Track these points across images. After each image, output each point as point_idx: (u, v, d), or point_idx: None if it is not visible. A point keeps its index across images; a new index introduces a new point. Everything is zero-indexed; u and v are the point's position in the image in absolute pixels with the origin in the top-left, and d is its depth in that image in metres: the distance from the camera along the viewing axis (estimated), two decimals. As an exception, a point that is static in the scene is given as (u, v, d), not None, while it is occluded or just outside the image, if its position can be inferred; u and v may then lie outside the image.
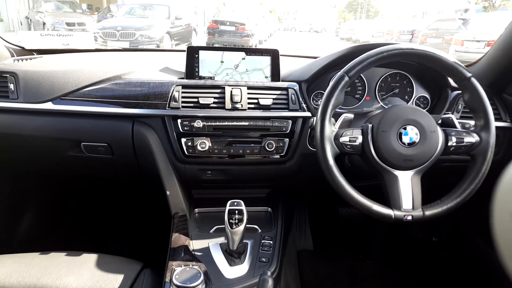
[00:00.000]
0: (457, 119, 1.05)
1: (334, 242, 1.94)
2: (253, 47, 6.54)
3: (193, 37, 11.63)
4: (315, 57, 1.37)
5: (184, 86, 1.19)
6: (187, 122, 1.16)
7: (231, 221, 0.99)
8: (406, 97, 1.32)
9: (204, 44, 10.70)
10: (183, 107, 1.17)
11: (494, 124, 0.96)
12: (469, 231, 1.65)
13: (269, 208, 1.35)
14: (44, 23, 12.04)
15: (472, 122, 1.06)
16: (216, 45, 4.46)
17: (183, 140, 1.17)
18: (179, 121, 1.16)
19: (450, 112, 1.22)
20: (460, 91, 1.21)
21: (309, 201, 1.95)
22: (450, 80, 1.22)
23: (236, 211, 1.00)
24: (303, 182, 1.47)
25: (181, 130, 1.16)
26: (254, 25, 12.35)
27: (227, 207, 1.01)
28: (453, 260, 1.74)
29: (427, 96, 1.31)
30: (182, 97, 1.18)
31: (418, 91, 1.31)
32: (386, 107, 1.32)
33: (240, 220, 1.00)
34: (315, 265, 1.79)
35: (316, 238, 1.87)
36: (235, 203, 1.02)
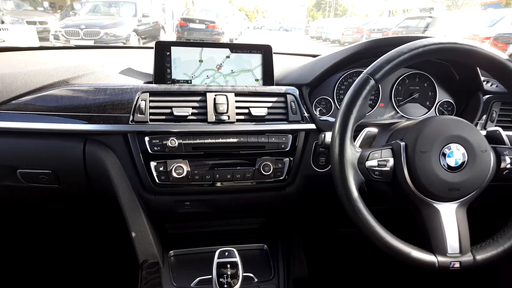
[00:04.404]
0: None
1: (332, 268, 1.71)
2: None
3: (161, 35, 11.46)
4: (314, 55, 1.13)
5: (152, 93, 0.93)
6: (157, 141, 0.91)
7: (221, 280, 0.72)
8: (427, 103, 1.11)
9: (173, 43, 10.46)
10: (151, 120, 0.91)
11: None
12: None
13: (265, 245, 1.10)
14: (2, 22, 11.32)
15: None
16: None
17: (152, 164, 0.93)
18: (146, 139, 0.92)
19: (482, 122, 1.02)
20: (493, 95, 1.01)
21: (303, 222, 1.71)
22: (483, 80, 1.02)
23: (228, 265, 0.73)
24: (305, 208, 1.22)
25: (149, 151, 0.92)
26: (224, 23, 12.38)
27: (215, 259, 0.74)
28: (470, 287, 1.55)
29: (452, 101, 1.11)
30: (151, 107, 0.92)
31: (441, 96, 1.11)
32: (401, 114, 1.10)
33: (234, 277, 0.73)
34: None
35: (312, 265, 1.64)
36: (226, 254, 0.75)
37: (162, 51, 1.00)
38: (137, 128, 0.90)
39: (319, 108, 1.08)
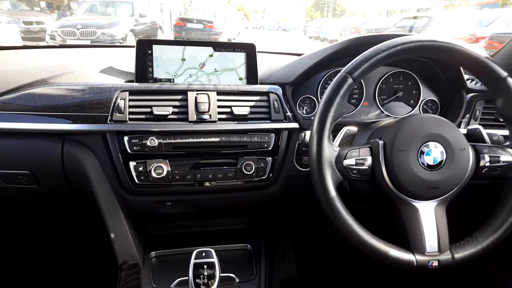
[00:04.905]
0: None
1: (321, 268, 1.70)
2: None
3: (159, 35, 11.36)
4: (299, 54, 1.12)
5: (132, 92, 0.92)
6: (137, 140, 0.90)
7: (197, 280, 0.71)
8: (412, 101, 1.10)
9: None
10: (131, 119, 0.90)
11: None
12: None
13: (249, 245, 1.09)
14: (-2, 22, 11.30)
15: (499, 133, 0.84)
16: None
17: (132, 164, 0.92)
18: (126, 138, 0.91)
19: (466, 120, 1.01)
20: (477, 93, 1.00)
21: (292, 222, 1.70)
22: (467, 80, 1.01)
23: (205, 266, 0.72)
24: (289, 207, 1.21)
25: (129, 150, 0.91)
26: (222, 23, 12.30)
27: (192, 260, 0.73)
28: (459, 286, 1.54)
29: (436, 100, 1.10)
30: (130, 106, 0.91)
31: (426, 94, 1.10)
32: (386, 113, 1.09)
33: (211, 278, 0.72)
34: None
35: (301, 265, 1.63)
36: (203, 254, 0.74)
37: (144, 50, 0.99)
38: (115, 128, 0.89)
39: (305, 107, 1.07)
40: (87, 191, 0.94)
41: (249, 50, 1.05)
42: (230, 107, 0.96)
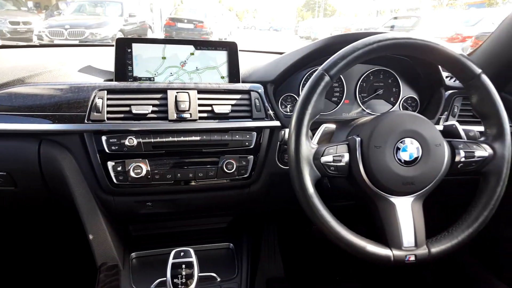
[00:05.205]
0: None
1: (308, 266, 1.71)
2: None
3: (149, 34, 11.26)
4: (281, 53, 1.12)
5: (110, 91, 0.90)
6: (115, 140, 0.89)
7: (176, 280, 0.71)
8: (392, 99, 1.11)
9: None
10: (109, 119, 0.89)
11: (509, 133, 0.76)
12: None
13: (231, 244, 1.08)
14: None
15: (475, 128, 0.85)
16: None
17: (110, 164, 0.90)
18: (103, 138, 0.89)
19: (444, 117, 1.02)
20: (456, 90, 1.01)
21: (278, 221, 1.70)
22: (444, 78, 1.02)
23: (183, 265, 0.72)
24: (272, 206, 1.21)
25: (107, 150, 0.90)
26: (213, 22, 12.24)
27: (170, 260, 0.73)
28: (438, 280, 1.56)
29: (416, 97, 1.11)
30: (108, 105, 0.89)
31: (405, 92, 1.11)
32: (367, 111, 1.10)
33: (190, 278, 0.72)
34: None
35: (288, 263, 1.63)
36: (182, 254, 0.74)
37: (123, 48, 0.98)
38: (93, 127, 0.88)
39: (289, 105, 1.07)
40: (65, 192, 0.92)
41: (231, 49, 1.04)
42: (211, 105, 0.95)
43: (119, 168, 0.89)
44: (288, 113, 1.05)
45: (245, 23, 47.63)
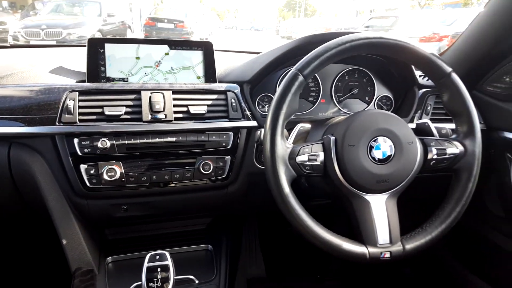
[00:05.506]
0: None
1: (289, 264, 1.71)
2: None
3: (128, 34, 11.08)
4: (257, 52, 1.12)
5: (82, 92, 0.88)
6: (87, 142, 0.87)
7: (151, 284, 0.69)
8: (367, 98, 1.13)
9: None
10: (81, 121, 0.87)
11: (479, 130, 0.78)
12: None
13: (210, 246, 1.07)
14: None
15: (447, 126, 0.88)
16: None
17: (82, 167, 0.88)
18: (75, 140, 0.87)
19: (418, 115, 1.04)
20: (429, 89, 1.03)
21: (258, 221, 1.70)
22: (417, 77, 1.04)
23: (159, 269, 0.71)
24: (251, 207, 1.21)
25: (79, 153, 0.87)
26: (194, 22, 12.13)
27: (145, 264, 0.71)
28: (418, 276, 1.59)
29: (390, 96, 1.13)
30: (80, 107, 0.87)
31: (380, 91, 1.13)
32: (343, 110, 1.11)
33: (165, 281, 0.70)
34: None
35: (269, 263, 1.63)
36: (157, 257, 0.73)
37: (95, 48, 0.96)
38: (64, 130, 0.85)
39: (266, 105, 1.07)
40: (37, 196, 0.89)
41: (206, 48, 1.03)
42: (186, 106, 0.94)
43: (92, 171, 0.87)
44: (265, 113, 1.05)
45: (226, 23, 47.50)
